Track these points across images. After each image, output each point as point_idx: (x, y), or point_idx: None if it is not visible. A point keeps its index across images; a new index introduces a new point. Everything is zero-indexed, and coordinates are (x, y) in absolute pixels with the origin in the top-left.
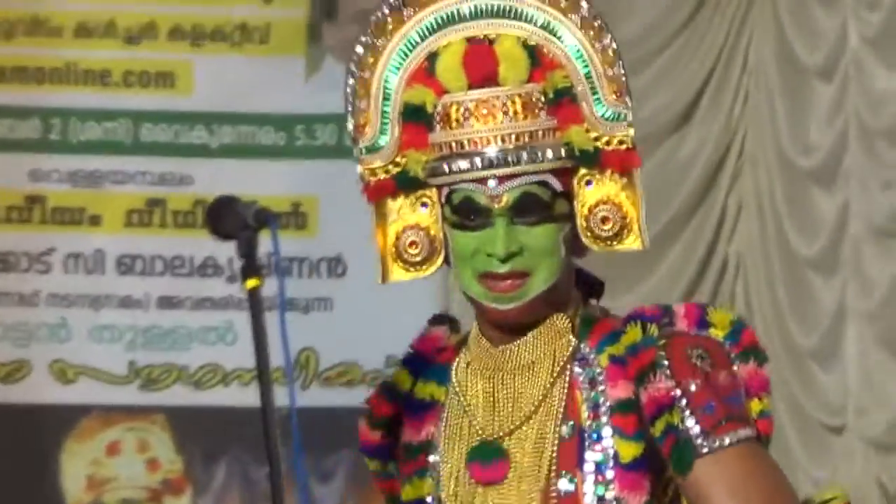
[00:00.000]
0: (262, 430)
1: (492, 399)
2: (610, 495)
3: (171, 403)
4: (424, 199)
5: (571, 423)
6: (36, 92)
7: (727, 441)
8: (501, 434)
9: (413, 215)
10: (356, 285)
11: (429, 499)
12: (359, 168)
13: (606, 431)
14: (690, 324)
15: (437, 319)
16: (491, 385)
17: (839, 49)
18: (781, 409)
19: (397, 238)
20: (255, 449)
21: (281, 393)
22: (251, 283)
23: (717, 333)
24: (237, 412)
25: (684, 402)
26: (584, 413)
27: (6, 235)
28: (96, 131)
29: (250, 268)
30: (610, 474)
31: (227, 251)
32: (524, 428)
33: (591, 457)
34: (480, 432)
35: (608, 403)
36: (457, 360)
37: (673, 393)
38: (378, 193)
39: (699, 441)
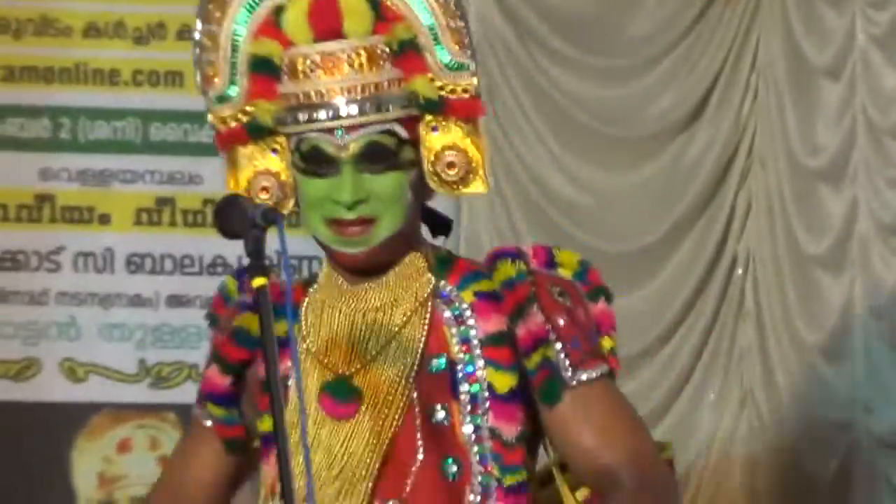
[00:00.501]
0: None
1: (349, 336)
2: (485, 425)
3: (182, 401)
4: (274, 146)
5: (442, 356)
6: (45, 91)
7: (591, 375)
8: (354, 370)
9: (263, 161)
10: None
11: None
12: (209, 117)
13: (479, 364)
14: (540, 264)
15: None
16: (349, 322)
17: (847, 48)
18: (790, 405)
19: (249, 183)
20: None
21: None
22: (258, 281)
23: (565, 273)
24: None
25: (554, 336)
26: (455, 347)
27: (16, 234)
28: (105, 130)
29: (257, 266)
30: (485, 405)
31: (236, 250)
32: (377, 363)
33: (466, 388)
34: (333, 368)
35: (479, 337)
36: (305, 299)
37: (546, 327)
38: (229, 140)
39: (567, 374)
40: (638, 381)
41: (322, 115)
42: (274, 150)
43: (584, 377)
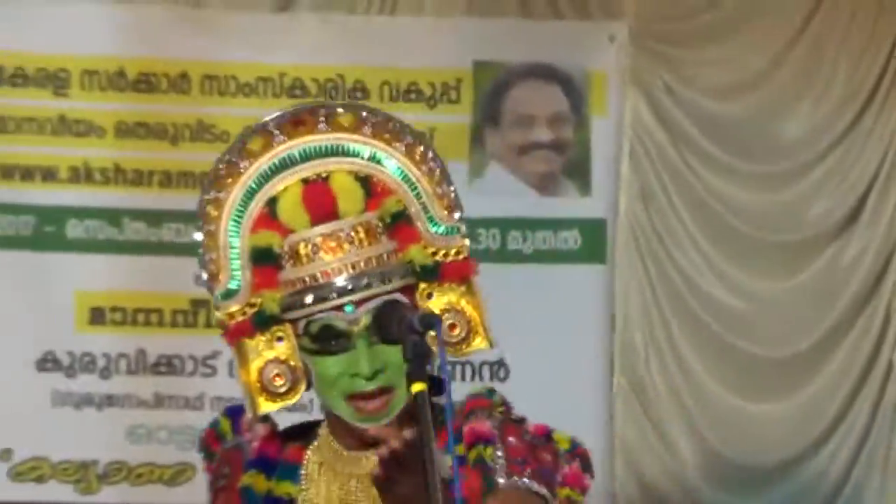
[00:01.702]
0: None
1: (342, 500)
2: None
3: None
4: (279, 334)
5: None
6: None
7: (524, 482)
8: None
9: (271, 351)
10: (519, 390)
11: None
12: (217, 314)
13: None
14: (536, 434)
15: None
16: (343, 491)
17: None
18: None
19: (260, 373)
20: None
21: None
22: (417, 387)
23: (559, 446)
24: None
25: (500, 448)
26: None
27: (172, 339)
28: None
29: (417, 371)
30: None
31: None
32: None
33: None
34: None
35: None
36: (306, 460)
37: (492, 432)
38: (237, 335)
39: (501, 472)
40: (794, 486)
41: (329, 294)
42: (279, 339)
43: (514, 479)
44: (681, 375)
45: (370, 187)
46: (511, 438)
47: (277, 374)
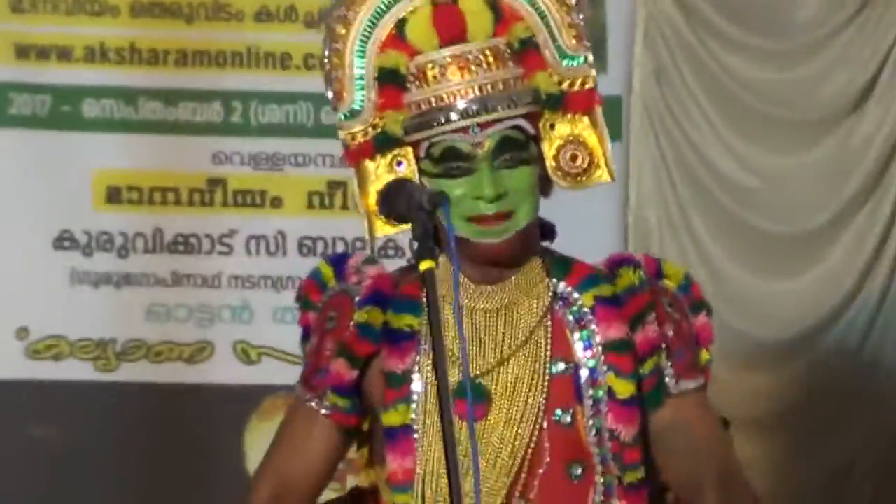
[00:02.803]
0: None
1: (477, 336)
2: (605, 427)
3: None
4: (399, 159)
5: (565, 360)
6: (217, 75)
7: (690, 386)
8: (483, 371)
9: (391, 174)
10: None
11: (414, 425)
12: (340, 133)
13: (602, 369)
14: (650, 274)
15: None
16: (475, 322)
17: None
18: None
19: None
20: None
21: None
22: (425, 264)
23: (671, 285)
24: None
25: (663, 346)
26: (578, 352)
27: (189, 218)
28: (277, 114)
29: (424, 249)
30: (605, 409)
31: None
32: (507, 365)
33: (590, 392)
34: (460, 366)
35: (601, 342)
36: (423, 292)
37: (660, 336)
38: (358, 156)
39: (671, 382)
40: (806, 362)
41: (455, 115)
42: (399, 163)
43: (684, 387)
44: (694, 252)
45: (500, 11)
46: (666, 327)
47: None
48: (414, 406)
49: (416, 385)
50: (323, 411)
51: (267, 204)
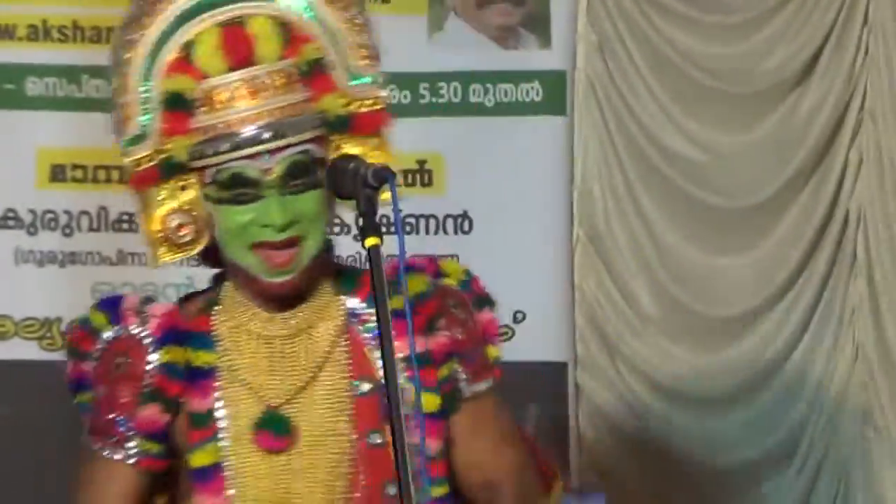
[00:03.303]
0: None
1: (269, 364)
2: (411, 443)
3: None
4: (184, 184)
5: (369, 380)
6: None
7: (482, 387)
8: (285, 400)
9: (175, 200)
10: (482, 242)
11: (224, 461)
12: (124, 160)
13: (404, 385)
14: (430, 274)
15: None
16: (268, 350)
17: None
18: None
19: (163, 222)
20: None
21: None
22: (371, 241)
23: (451, 282)
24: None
25: (454, 349)
26: (379, 371)
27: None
28: None
29: (370, 226)
30: (412, 423)
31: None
32: (308, 391)
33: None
34: (262, 397)
35: (399, 355)
36: (213, 324)
37: (452, 341)
38: (143, 182)
39: (464, 385)
40: (753, 338)
41: (244, 142)
42: (183, 188)
43: (477, 389)
44: (640, 227)
45: (289, 33)
46: (454, 329)
47: (181, 224)
48: (222, 443)
49: (222, 422)
50: (129, 460)
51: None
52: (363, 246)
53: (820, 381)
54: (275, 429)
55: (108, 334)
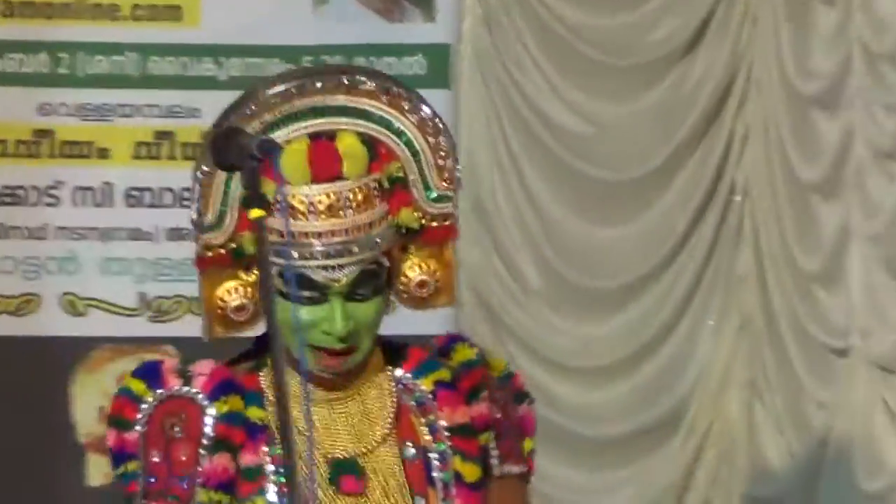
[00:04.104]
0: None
1: (325, 423)
2: None
3: (181, 334)
4: (249, 264)
5: (414, 445)
6: (44, 26)
7: (514, 470)
8: (345, 454)
9: (239, 279)
10: None
11: None
12: (196, 245)
13: (448, 453)
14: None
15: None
16: (322, 410)
17: None
18: (787, 333)
19: (223, 299)
20: None
21: None
22: (255, 213)
23: (493, 373)
24: (246, 342)
25: (492, 425)
26: (425, 436)
27: (15, 169)
28: (104, 65)
29: (254, 198)
30: (453, 491)
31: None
32: (370, 452)
33: (439, 476)
34: (323, 452)
35: (445, 425)
36: (263, 385)
37: (490, 414)
38: (213, 265)
39: (495, 462)
40: (638, 308)
41: (317, 255)
42: (247, 267)
43: (507, 470)
44: (525, 200)
45: (376, 150)
46: (494, 406)
47: (240, 306)
48: (269, 497)
49: (271, 477)
50: None
51: (94, 155)
52: (248, 217)
53: (706, 352)
54: (356, 474)
55: (149, 400)
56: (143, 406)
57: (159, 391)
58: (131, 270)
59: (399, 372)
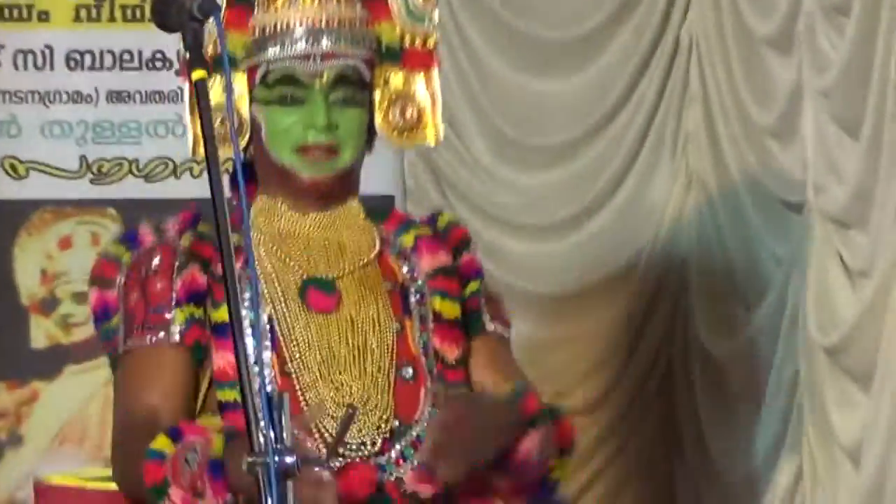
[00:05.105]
0: (213, 220)
1: (321, 250)
2: (430, 345)
3: (123, 196)
4: (232, 84)
5: (393, 281)
6: None
7: (500, 331)
8: (324, 274)
9: (222, 96)
10: None
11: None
12: (180, 49)
13: (427, 291)
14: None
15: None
16: (314, 242)
17: None
18: (741, 189)
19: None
20: None
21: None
22: (197, 74)
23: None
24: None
25: (481, 275)
26: (405, 276)
27: None
28: None
29: (196, 59)
30: (430, 327)
31: (176, 44)
32: (346, 277)
33: (417, 310)
34: (311, 271)
35: (426, 270)
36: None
37: (479, 266)
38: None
39: (487, 319)
40: (583, 163)
41: (301, 43)
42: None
43: (497, 329)
44: (466, 59)
45: None
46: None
47: (223, 120)
48: (245, 303)
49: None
50: (175, 337)
51: (34, 18)
52: (188, 80)
53: (653, 208)
54: (324, 289)
55: (128, 258)
56: (122, 267)
57: (139, 248)
58: (72, 133)
59: (381, 229)
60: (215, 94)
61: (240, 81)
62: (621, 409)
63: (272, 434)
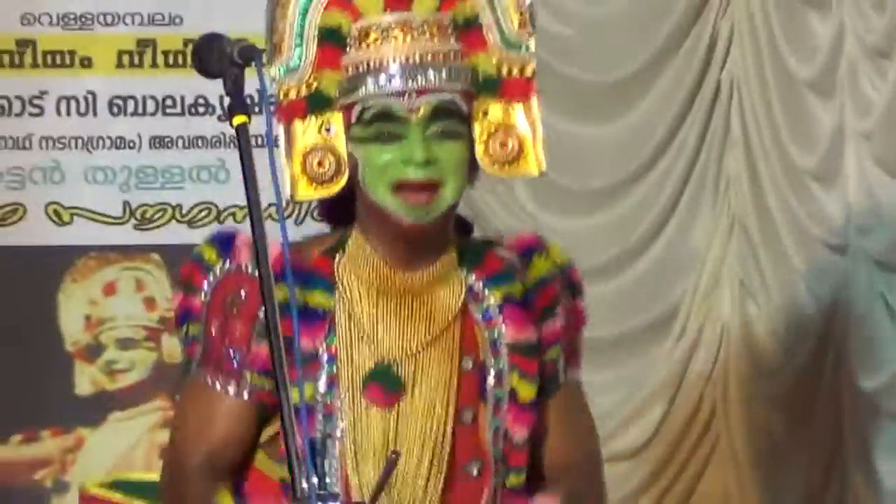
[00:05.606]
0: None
1: (388, 319)
2: (501, 427)
3: (166, 242)
4: (328, 125)
5: (473, 358)
6: None
7: (575, 376)
8: (399, 357)
9: (318, 136)
10: None
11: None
12: (274, 88)
13: (506, 369)
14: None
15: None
16: (390, 306)
17: None
18: (784, 231)
19: (304, 157)
20: None
21: (274, 228)
22: (238, 119)
23: (548, 265)
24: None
25: (562, 337)
26: (485, 350)
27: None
28: None
29: (237, 105)
30: (504, 407)
31: (217, 89)
32: (421, 357)
33: (493, 392)
34: (377, 351)
35: (508, 342)
36: (336, 270)
37: (562, 330)
38: (290, 113)
39: (561, 371)
40: (625, 208)
41: (394, 77)
42: (328, 129)
43: (572, 376)
44: None
45: None
46: (563, 316)
47: (321, 161)
48: (319, 386)
49: (330, 365)
50: (243, 394)
51: (76, 64)
52: (231, 125)
53: (695, 251)
54: (387, 384)
55: (219, 270)
56: (211, 277)
57: (228, 263)
58: (115, 179)
59: (472, 278)
60: (310, 135)
61: (336, 121)
62: (665, 454)
63: (315, 480)
